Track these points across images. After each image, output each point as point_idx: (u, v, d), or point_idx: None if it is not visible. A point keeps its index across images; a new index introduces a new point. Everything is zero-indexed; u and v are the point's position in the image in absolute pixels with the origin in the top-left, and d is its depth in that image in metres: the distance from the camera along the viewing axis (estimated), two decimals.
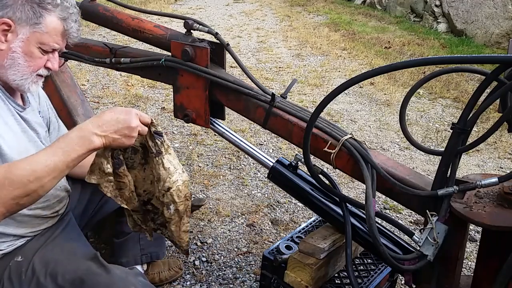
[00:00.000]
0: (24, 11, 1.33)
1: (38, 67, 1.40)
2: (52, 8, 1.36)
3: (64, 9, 1.39)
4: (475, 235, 2.54)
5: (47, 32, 1.36)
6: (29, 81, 1.40)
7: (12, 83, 1.38)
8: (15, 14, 1.33)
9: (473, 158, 3.47)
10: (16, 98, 1.44)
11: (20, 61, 1.36)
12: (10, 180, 1.14)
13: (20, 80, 1.38)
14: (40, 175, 1.16)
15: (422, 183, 1.37)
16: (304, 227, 1.78)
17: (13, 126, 1.39)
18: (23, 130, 1.42)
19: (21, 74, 1.37)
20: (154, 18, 5.40)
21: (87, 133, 1.23)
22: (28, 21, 1.33)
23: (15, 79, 1.37)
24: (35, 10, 1.34)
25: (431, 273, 1.34)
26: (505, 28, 6.46)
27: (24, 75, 1.38)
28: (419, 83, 1.47)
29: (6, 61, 1.35)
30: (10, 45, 1.34)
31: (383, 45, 6.56)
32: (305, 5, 9.79)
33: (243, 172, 3.14)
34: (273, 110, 1.63)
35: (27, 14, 1.33)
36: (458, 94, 4.72)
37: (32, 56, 1.37)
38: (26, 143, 1.41)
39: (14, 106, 1.41)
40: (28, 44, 1.35)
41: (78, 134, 1.23)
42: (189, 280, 2.14)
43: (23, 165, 1.16)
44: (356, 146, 1.45)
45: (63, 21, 1.39)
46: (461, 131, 1.23)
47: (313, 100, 4.49)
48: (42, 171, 1.17)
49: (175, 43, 1.73)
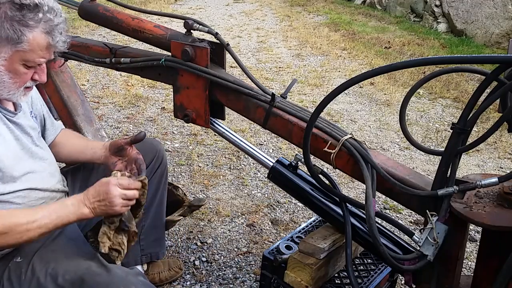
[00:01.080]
0: (3, 29, 1.27)
1: (24, 82, 1.37)
2: (34, 24, 1.29)
3: (47, 22, 1.31)
4: (475, 235, 2.54)
5: (31, 49, 1.30)
6: (17, 95, 1.39)
7: (0, 97, 1.37)
8: None
9: (473, 158, 3.48)
10: (6, 105, 1.42)
11: (4, 79, 1.33)
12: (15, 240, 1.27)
13: (8, 95, 1.37)
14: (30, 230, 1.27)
15: (422, 183, 1.37)
16: (304, 227, 1.78)
17: (6, 135, 1.39)
18: (16, 138, 1.43)
19: (7, 90, 1.35)
20: (154, 18, 5.40)
21: (80, 204, 1.34)
22: (8, 40, 1.27)
23: (2, 94, 1.36)
24: (16, 29, 1.27)
25: (431, 273, 1.34)
26: (505, 28, 6.46)
27: (11, 91, 1.36)
28: (419, 83, 1.47)
29: None
30: None
31: (383, 45, 6.56)
32: (305, 5, 9.79)
33: (243, 172, 3.14)
34: (273, 110, 1.63)
35: (7, 33, 1.27)
36: (458, 94, 4.72)
37: (17, 73, 1.33)
38: (18, 152, 1.42)
39: (4, 113, 1.41)
40: (11, 62, 1.31)
41: (72, 203, 1.34)
42: (189, 280, 2.14)
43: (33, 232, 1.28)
44: (356, 146, 1.45)
45: (47, 35, 1.32)
46: (461, 131, 1.23)
47: (313, 100, 4.49)
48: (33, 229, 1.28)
49: (175, 43, 1.73)
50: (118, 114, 4.04)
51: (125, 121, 3.90)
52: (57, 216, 1.30)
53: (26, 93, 1.41)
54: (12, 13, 1.26)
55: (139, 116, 4.00)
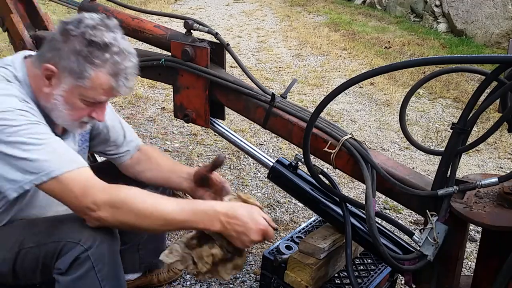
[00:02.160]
0: (69, 61, 1.24)
1: (79, 117, 1.34)
2: (99, 63, 1.25)
3: (114, 64, 1.26)
4: (475, 235, 2.54)
5: (91, 87, 1.27)
6: (73, 127, 1.37)
7: (55, 122, 1.35)
8: (60, 62, 1.25)
9: (473, 158, 3.47)
10: (55, 128, 1.38)
11: (61, 109, 1.30)
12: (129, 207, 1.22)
13: (63, 123, 1.35)
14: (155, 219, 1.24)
15: (422, 183, 1.37)
16: (304, 227, 1.78)
17: None
18: None
19: (62, 120, 1.33)
20: (154, 18, 5.40)
21: (215, 216, 1.26)
22: (71, 73, 1.25)
23: (57, 120, 1.34)
24: (80, 64, 1.24)
25: (431, 273, 1.34)
26: (505, 28, 6.46)
27: (66, 121, 1.34)
28: (419, 83, 1.47)
29: (50, 104, 1.31)
30: (53, 91, 1.29)
31: (383, 45, 6.56)
32: (305, 5, 9.79)
33: (243, 172, 3.14)
34: (273, 110, 1.63)
35: (71, 65, 1.24)
36: (458, 94, 4.72)
37: (74, 107, 1.30)
38: None
39: None
40: (70, 95, 1.28)
41: (207, 212, 1.27)
42: (189, 280, 2.14)
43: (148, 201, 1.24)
44: (356, 146, 1.45)
45: (112, 76, 1.27)
46: (461, 131, 1.23)
47: (313, 100, 4.49)
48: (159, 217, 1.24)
49: (175, 43, 1.73)
50: (118, 114, 4.03)
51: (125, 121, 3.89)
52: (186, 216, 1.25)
53: (82, 126, 1.39)
54: (80, 47, 1.23)
55: (139, 116, 4.00)
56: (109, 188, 1.24)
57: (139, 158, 1.68)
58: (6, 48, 5.63)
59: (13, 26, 2.15)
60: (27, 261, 1.32)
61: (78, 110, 1.31)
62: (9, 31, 2.21)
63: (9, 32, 2.21)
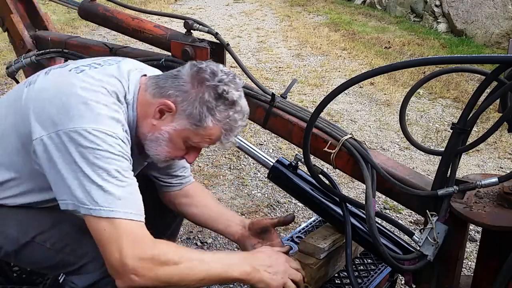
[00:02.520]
0: (192, 107, 1.23)
1: (175, 156, 1.33)
2: (220, 117, 1.25)
3: (231, 121, 1.27)
4: (475, 235, 2.54)
5: (202, 135, 1.27)
6: (160, 162, 1.37)
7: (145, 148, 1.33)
8: (182, 104, 1.24)
9: (473, 158, 3.47)
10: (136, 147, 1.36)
11: (161, 143, 1.29)
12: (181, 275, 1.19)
13: (153, 155, 1.33)
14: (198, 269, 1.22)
15: (422, 183, 1.37)
16: (304, 227, 1.78)
17: None
18: None
19: (156, 153, 1.32)
20: (154, 18, 5.40)
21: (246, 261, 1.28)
22: (189, 118, 1.24)
23: (149, 150, 1.32)
24: (203, 113, 1.23)
25: (431, 273, 1.34)
26: (505, 28, 6.46)
27: (159, 155, 1.32)
28: (419, 83, 1.47)
29: (151, 135, 1.29)
30: (161, 126, 1.27)
31: (383, 45, 6.56)
32: (305, 5, 9.79)
33: (243, 172, 3.14)
34: (273, 110, 1.63)
35: (192, 111, 1.23)
36: (458, 94, 4.72)
37: (174, 146, 1.30)
38: None
39: None
40: (177, 135, 1.27)
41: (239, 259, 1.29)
42: None
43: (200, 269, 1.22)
44: (356, 146, 1.45)
45: (224, 132, 1.28)
46: (461, 131, 1.23)
47: (313, 100, 4.49)
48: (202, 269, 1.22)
49: (175, 43, 1.73)
50: None
51: None
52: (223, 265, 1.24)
53: (168, 162, 1.40)
54: (208, 98, 1.23)
55: None
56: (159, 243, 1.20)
57: (188, 192, 1.64)
58: (6, 48, 5.63)
59: (13, 26, 2.16)
60: (36, 253, 1.31)
61: (177, 150, 1.31)
62: (9, 31, 2.21)
63: (9, 32, 2.21)
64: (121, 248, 1.13)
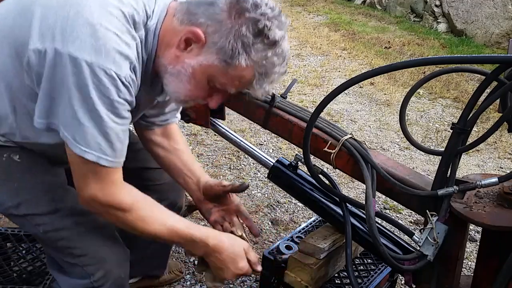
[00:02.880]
0: (225, 40, 1.05)
1: (195, 97, 1.16)
2: (256, 57, 1.07)
3: (269, 65, 1.09)
4: (475, 235, 2.54)
5: (231, 75, 1.09)
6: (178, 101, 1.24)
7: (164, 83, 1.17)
8: (214, 35, 1.06)
9: (473, 158, 3.47)
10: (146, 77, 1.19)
11: (182, 79, 1.12)
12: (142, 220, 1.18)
13: (173, 94, 1.17)
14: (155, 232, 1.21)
15: (422, 183, 1.37)
16: (304, 227, 1.78)
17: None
18: None
19: (176, 89, 1.15)
20: None
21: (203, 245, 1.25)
22: (220, 52, 1.06)
23: (168, 85, 1.16)
24: (237, 49, 1.05)
25: (431, 273, 1.34)
26: (505, 28, 6.47)
27: (177, 93, 1.16)
28: (419, 83, 1.47)
29: (172, 68, 1.12)
30: (185, 58, 1.10)
31: (383, 45, 6.56)
32: (305, 5, 9.79)
33: (243, 172, 3.14)
34: (273, 110, 1.63)
35: (225, 45, 1.05)
36: (458, 94, 4.72)
37: (197, 85, 1.13)
38: None
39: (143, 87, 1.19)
40: (202, 71, 1.10)
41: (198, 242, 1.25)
42: (189, 280, 2.14)
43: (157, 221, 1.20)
44: (356, 146, 1.45)
45: (258, 76, 1.10)
46: (461, 131, 1.23)
47: (313, 100, 4.49)
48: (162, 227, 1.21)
49: None
50: None
51: None
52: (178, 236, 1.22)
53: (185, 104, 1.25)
54: (246, 32, 1.05)
55: None
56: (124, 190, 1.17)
57: (165, 131, 1.52)
58: None
59: None
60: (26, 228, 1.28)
61: (198, 90, 1.14)
62: None
63: None
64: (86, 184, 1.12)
